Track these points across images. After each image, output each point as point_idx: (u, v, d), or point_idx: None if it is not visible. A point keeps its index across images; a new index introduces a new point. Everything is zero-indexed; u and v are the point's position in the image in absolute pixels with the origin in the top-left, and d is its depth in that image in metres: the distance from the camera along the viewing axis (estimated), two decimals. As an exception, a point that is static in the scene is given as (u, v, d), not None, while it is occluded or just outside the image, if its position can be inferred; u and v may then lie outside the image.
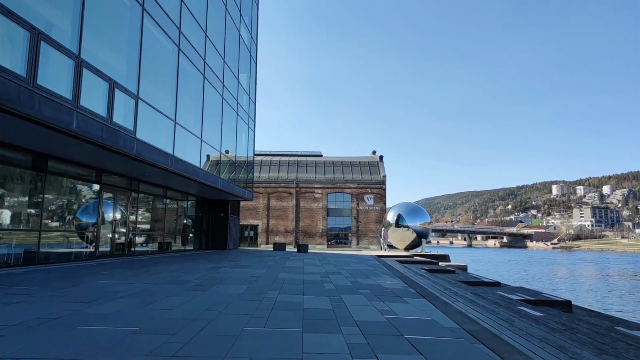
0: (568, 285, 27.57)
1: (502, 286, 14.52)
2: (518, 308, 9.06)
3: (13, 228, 9.93)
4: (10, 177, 9.92)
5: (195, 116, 15.54)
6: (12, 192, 10.03)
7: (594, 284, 28.38)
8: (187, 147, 14.66)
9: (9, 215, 9.85)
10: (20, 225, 10.21)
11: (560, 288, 24.65)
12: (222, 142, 18.47)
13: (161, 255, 16.28)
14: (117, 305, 5.33)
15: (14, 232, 9.95)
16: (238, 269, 11.25)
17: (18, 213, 10.22)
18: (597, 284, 28.42)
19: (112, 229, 13.81)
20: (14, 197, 10.12)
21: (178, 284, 7.51)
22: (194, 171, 14.83)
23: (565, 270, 42.42)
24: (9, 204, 9.86)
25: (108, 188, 13.63)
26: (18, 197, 10.25)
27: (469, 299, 8.52)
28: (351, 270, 11.92)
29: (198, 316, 4.78)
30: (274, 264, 13.31)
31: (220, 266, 11.85)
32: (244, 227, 40.74)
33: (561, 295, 19.82)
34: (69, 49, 8.30)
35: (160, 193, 17.71)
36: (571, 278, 33.17)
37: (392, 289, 7.79)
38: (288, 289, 7.29)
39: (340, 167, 43.27)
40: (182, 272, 9.67)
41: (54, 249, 11.48)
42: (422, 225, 30.65)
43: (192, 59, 14.78)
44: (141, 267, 10.75)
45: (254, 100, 24.76)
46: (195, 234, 22.09)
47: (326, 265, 13.64)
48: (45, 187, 10.79)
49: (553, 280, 30.60)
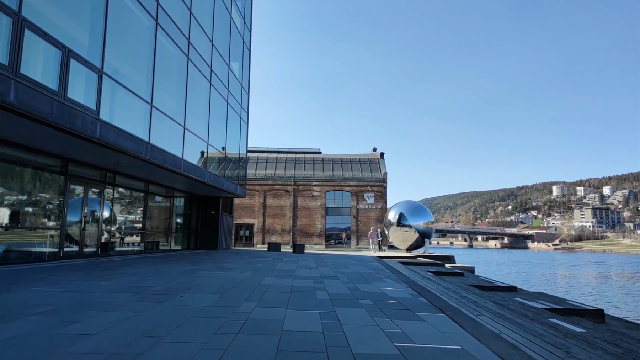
0: (584, 288, 25.95)
1: (518, 291, 13.01)
2: (552, 322, 7.54)
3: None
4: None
5: (177, 102, 14.02)
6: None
7: (607, 287, 26.84)
8: (168, 135, 13.14)
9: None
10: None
11: (579, 292, 23.05)
12: (209, 132, 16.94)
13: (141, 256, 14.76)
14: (23, 326, 3.81)
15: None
16: (219, 272, 9.73)
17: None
18: (612, 287, 26.89)
19: (81, 227, 12.27)
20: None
21: (132, 293, 5.99)
22: (175, 162, 13.30)
23: (575, 271, 40.87)
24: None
25: (76, 180, 12.09)
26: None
27: (494, 310, 7.00)
28: (350, 273, 10.40)
29: (124, 346, 3.27)
30: (262, 266, 11.79)
31: (200, 269, 10.32)
32: (239, 226, 39.22)
33: (578, 298, 18.33)
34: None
35: (141, 187, 16.19)
36: (583, 280, 31.61)
37: (399, 299, 6.28)
38: (269, 300, 5.77)
39: (339, 164, 41.71)
40: (148, 277, 8.14)
41: (12, 248, 9.97)
42: (425, 225, 29.12)
43: (174, 36, 13.26)
44: (104, 270, 9.21)
45: (247, 91, 23.23)
46: (183, 233, 20.55)
47: (322, 267, 12.12)
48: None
49: (568, 283, 28.98)
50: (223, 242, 23.73)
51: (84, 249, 12.41)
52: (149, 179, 15.92)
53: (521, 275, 34.05)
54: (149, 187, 16.46)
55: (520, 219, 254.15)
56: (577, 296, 20.57)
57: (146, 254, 15.86)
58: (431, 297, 6.89)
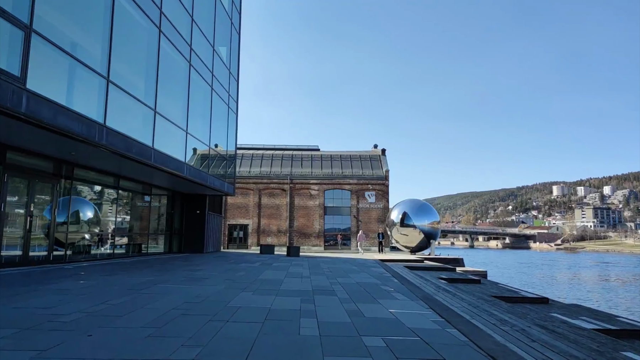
0: (620, 296, 23.22)
1: (550, 303, 10.95)
2: (624, 356, 5.51)
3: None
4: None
5: (147, 81, 11.96)
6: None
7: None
8: (132, 118, 11.08)
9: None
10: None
11: (615, 302, 20.56)
12: (189, 119, 14.86)
13: (108, 262, 12.69)
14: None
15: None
16: (184, 285, 7.66)
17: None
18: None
19: (26, 227, 10.18)
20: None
21: (17, 329, 3.91)
22: (142, 151, 11.23)
23: (593, 275, 38.60)
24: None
25: (17, 172, 10.02)
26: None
27: (548, 343, 4.95)
28: (350, 285, 8.34)
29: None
30: (244, 275, 9.72)
31: (162, 280, 8.25)
32: (232, 227, 37.15)
33: (617, 309, 16.15)
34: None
35: (110, 183, 14.12)
36: (610, 286, 29.26)
37: (424, 335, 4.20)
38: (223, 341, 3.71)
39: (338, 161, 39.58)
40: (78, 296, 6.07)
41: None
42: (430, 225, 27.03)
43: (140, 2, 11.19)
44: (28, 285, 7.14)
45: (236, 79, 21.15)
46: (165, 235, 18.48)
47: (316, 276, 10.06)
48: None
49: (592, 290, 26.29)
50: (211, 245, 21.67)
51: (29, 254, 10.32)
52: (120, 173, 13.86)
53: (537, 279, 31.81)
54: (119, 183, 14.38)
55: (521, 219, 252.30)
56: (614, 306, 18.31)
57: (118, 259, 13.79)
58: (465, 327, 4.84)
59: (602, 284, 29.51)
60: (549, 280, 31.08)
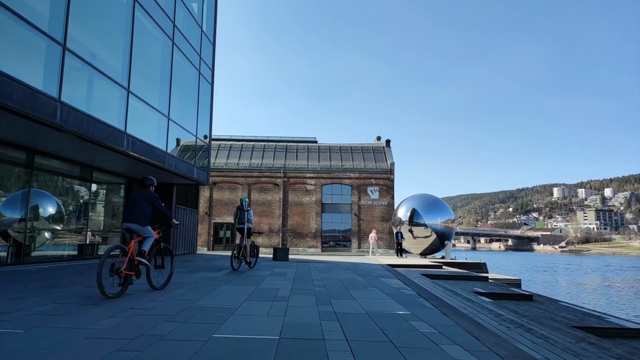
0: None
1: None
2: None
3: None
4: None
5: (54, 4, 8.07)
6: None
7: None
8: (41, 64, 7.22)
9: None
10: None
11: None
12: (132, 73, 10.93)
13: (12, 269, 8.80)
14: None
15: None
16: (40, 329, 3.79)
17: None
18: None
19: None
20: None
21: None
22: (36, 105, 7.34)
23: (627, 282, 34.25)
24: None
25: None
26: None
27: None
28: (354, 318, 4.42)
29: None
30: (179, 296, 5.85)
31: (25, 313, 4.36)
32: (218, 225, 33.24)
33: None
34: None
35: (21, 160, 10.24)
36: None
37: None
38: None
39: (338, 153, 35.64)
40: None
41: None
42: (444, 224, 23.17)
43: None
44: None
45: (211, 41, 17.25)
46: (113, 233, 14.59)
47: (300, 296, 6.17)
48: None
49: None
50: (182, 246, 17.79)
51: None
52: (34, 146, 9.99)
53: (584, 289, 26.15)
54: (34, 160, 10.47)
55: (523, 221, 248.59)
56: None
57: (15, 266, 9.92)
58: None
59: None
60: (604, 291, 25.58)
